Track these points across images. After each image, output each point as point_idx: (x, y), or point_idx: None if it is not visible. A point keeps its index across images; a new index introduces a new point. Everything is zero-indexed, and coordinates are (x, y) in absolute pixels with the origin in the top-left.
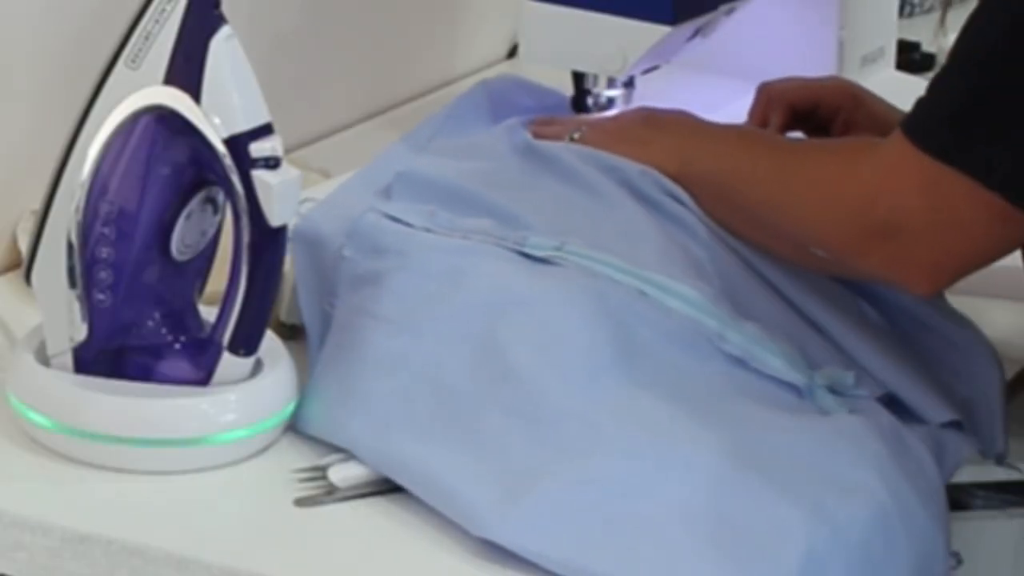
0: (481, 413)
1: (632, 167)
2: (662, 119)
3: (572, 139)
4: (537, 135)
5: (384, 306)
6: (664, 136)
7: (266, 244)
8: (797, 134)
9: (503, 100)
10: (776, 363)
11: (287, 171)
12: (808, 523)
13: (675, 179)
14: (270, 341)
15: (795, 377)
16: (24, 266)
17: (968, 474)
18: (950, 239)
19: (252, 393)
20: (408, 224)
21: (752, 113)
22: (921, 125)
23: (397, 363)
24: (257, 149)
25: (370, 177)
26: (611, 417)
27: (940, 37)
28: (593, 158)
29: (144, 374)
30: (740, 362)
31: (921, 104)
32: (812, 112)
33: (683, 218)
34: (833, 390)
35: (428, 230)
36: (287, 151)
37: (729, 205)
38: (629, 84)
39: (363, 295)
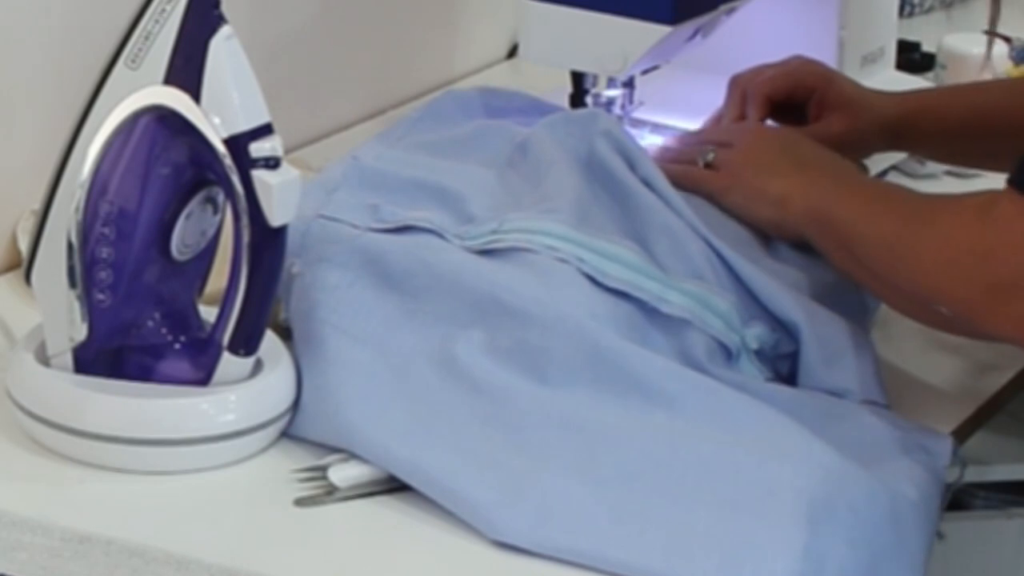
0: (459, 424)
1: (647, 165)
2: (801, 153)
3: (706, 163)
4: (666, 166)
5: (342, 317)
6: (801, 173)
7: (266, 244)
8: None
9: (477, 105)
10: (716, 323)
11: (287, 171)
12: (808, 499)
13: (796, 217)
14: (270, 341)
15: (730, 338)
16: (24, 266)
17: (968, 474)
18: None
19: (252, 393)
20: (352, 225)
21: (728, 107)
22: None
23: (366, 374)
24: (257, 149)
25: (325, 177)
26: (588, 412)
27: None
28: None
29: (144, 374)
30: (684, 323)
31: None
32: (788, 98)
33: (630, 187)
34: (760, 352)
35: (370, 228)
36: (287, 151)
37: (851, 256)
38: (629, 84)
39: (315, 301)
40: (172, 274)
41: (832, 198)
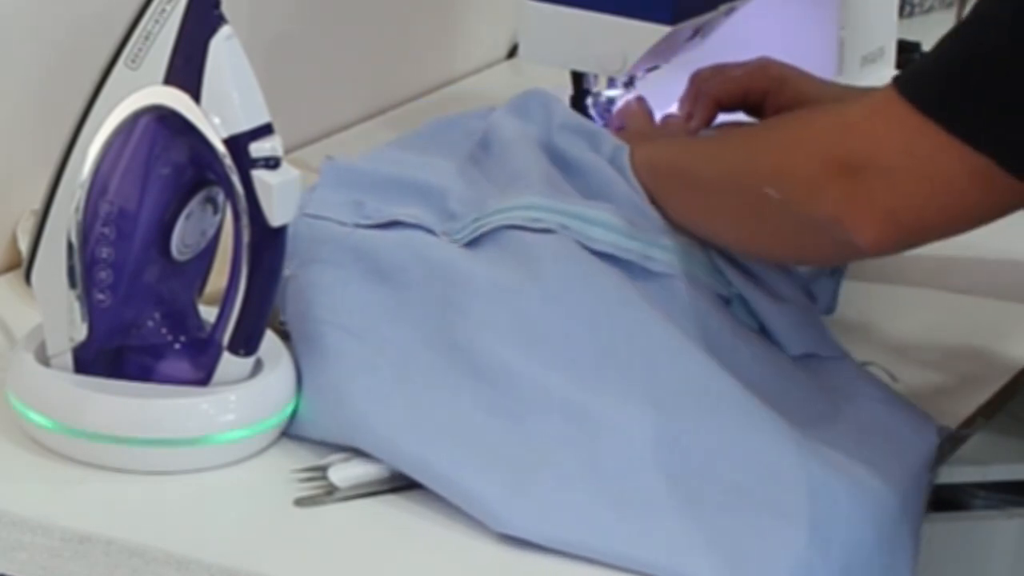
0: (463, 415)
1: (610, 141)
2: (653, 132)
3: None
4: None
5: (339, 315)
6: (644, 144)
7: (266, 244)
8: (738, 117)
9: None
10: (702, 274)
11: (287, 171)
12: (808, 497)
13: (637, 165)
14: (270, 341)
15: (720, 287)
16: (24, 266)
17: (968, 474)
18: (916, 187)
19: (252, 393)
20: (340, 222)
21: (681, 104)
22: (914, 79)
23: (368, 370)
24: (257, 149)
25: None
26: (591, 398)
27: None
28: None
29: (144, 374)
30: (674, 279)
31: (917, 62)
32: (741, 101)
33: (589, 166)
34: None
35: (358, 225)
36: (287, 151)
37: (685, 183)
38: (629, 84)
39: (312, 302)
40: (172, 274)
41: (670, 145)
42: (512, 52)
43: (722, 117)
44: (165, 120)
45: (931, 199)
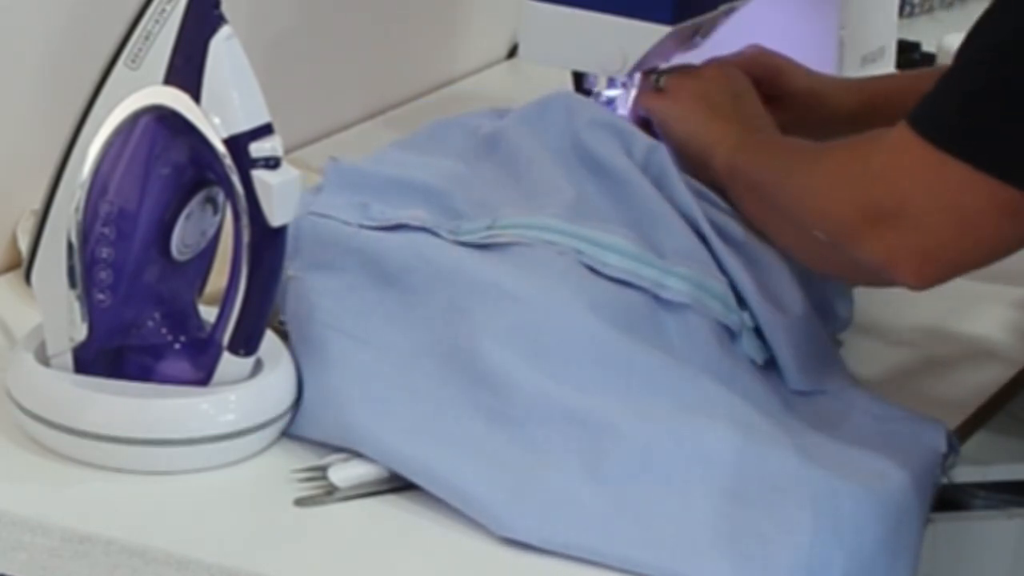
0: (463, 421)
1: (643, 140)
2: (743, 106)
3: (656, 83)
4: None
5: (342, 320)
6: (734, 119)
7: (266, 244)
8: None
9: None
10: (715, 305)
11: (287, 171)
12: (810, 501)
13: (721, 166)
14: (270, 341)
15: (731, 319)
16: (24, 266)
17: (968, 474)
18: (946, 227)
19: (252, 393)
20: (344, 222)
21: None
22: (926, 115)
23: (369, 373)
24: (257, 149)
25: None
26: (592, 405)
27: (942, 37)
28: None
29: (144, 374)
30: (686, 307)
31: (927, 97)
32: None
33: (620, 173)
34: (758, 329)
35: (363, 226)
36: (287, 151)
37: (757, 197)
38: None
39: (314, 305)
40: (172, 274)
41: (750, 151)
42: (512, 52)
43: None
44: (165, 120)
45: (964, 235)
